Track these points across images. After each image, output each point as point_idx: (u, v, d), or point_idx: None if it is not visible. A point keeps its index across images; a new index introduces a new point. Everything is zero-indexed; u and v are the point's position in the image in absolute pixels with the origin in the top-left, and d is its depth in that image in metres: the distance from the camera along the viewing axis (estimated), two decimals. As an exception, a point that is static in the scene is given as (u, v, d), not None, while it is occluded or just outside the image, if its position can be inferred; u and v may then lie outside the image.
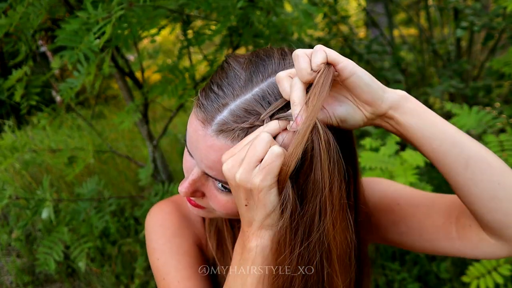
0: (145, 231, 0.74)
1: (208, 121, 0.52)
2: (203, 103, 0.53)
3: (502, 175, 0.52)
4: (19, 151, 1.64)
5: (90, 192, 1.72)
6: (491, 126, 1.41)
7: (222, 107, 0.52)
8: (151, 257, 0.71)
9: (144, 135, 1.90)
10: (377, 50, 2.74)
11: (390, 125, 0.54)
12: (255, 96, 0.51)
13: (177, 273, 0.67)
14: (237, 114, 0.51)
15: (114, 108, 5.13)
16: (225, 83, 0.53)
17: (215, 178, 0.55)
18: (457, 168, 0.53)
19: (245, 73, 0.53)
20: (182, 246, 0.71)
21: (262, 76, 0.53)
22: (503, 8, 2.17)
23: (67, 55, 1.03)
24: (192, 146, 0.56)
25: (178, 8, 1.39)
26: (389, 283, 1.94)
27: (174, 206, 0.76)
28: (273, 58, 0.55)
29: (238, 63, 0.55)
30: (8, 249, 2.68)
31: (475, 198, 0.54)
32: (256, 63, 0.54)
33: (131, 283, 2.22)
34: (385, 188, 0.75)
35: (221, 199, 0.58)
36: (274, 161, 0.47)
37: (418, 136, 0.53)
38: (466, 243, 0.62)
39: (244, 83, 0.52)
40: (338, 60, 0.48)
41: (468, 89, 2.42)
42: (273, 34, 1.54)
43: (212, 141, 0.52)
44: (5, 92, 1.58)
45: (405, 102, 0.52)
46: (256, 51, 0.58)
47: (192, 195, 0.59)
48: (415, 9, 3.58)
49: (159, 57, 3.32)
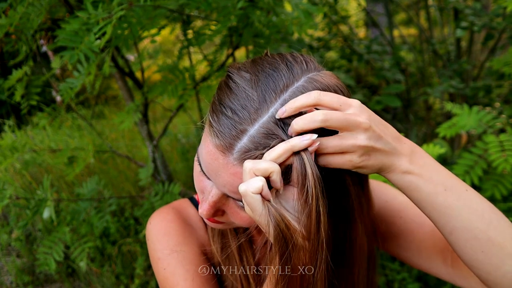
0: (148, 240, 0.73)
1: (228, 149, 0.51)
2: (219, 130, 0.52)
3: (487, 245, 0.52)
4: (19, 151, 1.64)
5: (90, 192, 1.72)
6: (491, 126, 1.41)
7: (241, 134, 0.50)
8: (156, 266, 0.70)
9: (144, 135, 1.90)
10: (377, 50, 2.74)
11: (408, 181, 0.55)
12: (271, 119, 0.50)
13: (186, 282, 0.67)
14: (258, 140, 0.50)
15: (114, 108, 5.13)
16: (238, 106, 0.51)
17: (238, 200, 0.55)
18: (443, 231, 0.54)
19: (256, 93, 0.52)
20: (189, 255, 0.70)
21: (274, 94, 0.52)
22: (503, 8, 2.17)
23: (67, 55, 1.03)
24: (212, 173, 0.54)
25: (178, 8, 1.39)
26: (389, 283, 1.94)
27: (176, 213, 0.75)
28: (280, 71, 0.54)
29: (245, 81, 0.53)
30: (8, 249, 2.68)
31: (458, 253, 0.55)
32: (266, 79, 0.53)
33: (131, 283, 2.23)
34: (390, 197, 0.75)
35: (243, 215, 0.58)
36: (246, 200, 0.48)
37: (410, 198, 0.55)
38: (458, 273, 0.64)
39: (259, 104, 0.51)
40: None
41: (468, 89, 2.42)
42: (273, 34, 1.54)
43: (235, 169, 0.51)
44: (5, 92, 1.58)
45: (404, 175, 0.52)
46: (258, 62, 0.56)
47: (213, 215, 0.59)
48: (415, 9, 3.58)
49: (159, 57, 3.31)
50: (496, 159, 1.29)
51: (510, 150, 1.29)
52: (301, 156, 0.48)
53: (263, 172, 0.47)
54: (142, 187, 2.75)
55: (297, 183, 0.49)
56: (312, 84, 0.53)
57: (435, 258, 0.66)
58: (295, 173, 0.48)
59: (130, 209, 2.62)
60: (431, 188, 0.52)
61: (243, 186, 0.47)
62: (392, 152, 0.52)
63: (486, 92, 2.51)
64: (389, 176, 0.53)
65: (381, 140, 0.51)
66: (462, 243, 0.53)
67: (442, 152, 1.38)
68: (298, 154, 0.48)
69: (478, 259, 0.53)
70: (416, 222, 0.70)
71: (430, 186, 0.52)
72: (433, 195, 0.52)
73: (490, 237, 0.52)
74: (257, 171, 0.47)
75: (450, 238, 0.54)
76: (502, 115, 1.52)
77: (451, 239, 0.54)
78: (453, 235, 0.53)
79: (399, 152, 0.52)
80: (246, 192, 0.47)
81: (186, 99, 1.52)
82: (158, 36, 1.67)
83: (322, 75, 0.55)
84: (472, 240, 0.52)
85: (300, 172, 0.48)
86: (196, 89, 1.57)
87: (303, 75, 0.54)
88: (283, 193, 0.51)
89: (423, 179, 0.52)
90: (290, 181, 0.50)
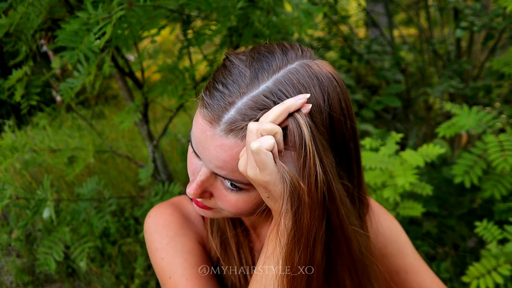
0: (146, 233, 0.73)
1: (216, 120, 0.52)
2: (208, 103, 0.53)
3: None
4: (19, 151, 1.64)
5: (90, 192, 1.72)
6: (491, 126, 1.41)
7: (229, 105, 0.51)
8: (154, 257, 0.70)
9: (144, 135, 1.90)
10: (377, 50, 2.74)
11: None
12: (263, 93, 0.51)
13: (185, 271, 0.67)
14: (245, 112, 0.51)
15: (114, 108, 5.13)
16: (230, 81, 0.53)
17: (225, 177, 0.55)
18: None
19: (249, 71, 0.53)
20: (187, 245, 0.70)
21: (267, 73, 0.53)
22: (503, 8, 2.17)
23: (67, 55, 1.03)
24: (200, 147, 0.55)
25: (178, 8, 1.39)
26: (389, 283, 1.93)
27: (174, 207, 0.76)
28: (275, 54, 0.55)
29: (241, 61, 0.55)
30: (8, 249, 2.68)
31: None
32: (259, 60, 0.54)
33: (131, 283, 2.23)
34: (394, 246, 0.77)
35: (230, 198, 0.58)
36: (259, 158, 0.47)
37: None
38: None
39: (250, 80, 0.52)
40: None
41: (468, 89, 2.42)
42: (273, 34, 1.54)
43: (221, 140, 0.52)
44: (6, 92, 1.58)
45: None
46: (256, 47, 0.58)
47: (200, 196, 0.59)
48: (415, 9, 3.58)
49: (159, 57, 3.31)
50: (496, 159, 1.29)
51: (509, 150, 1.29)
52: (295, 118, 0.49)
53: (269, 132, 0.48)
54: (142, 187, 2.75)
55: (294, 145, 0.49)
56: (304, 69, 0.54)
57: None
58: (291, 135, 0.49)
59: (130, 209, 2.62)
60: None
61: (256, 143, 0.47)
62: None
63: (486, 92, 2.51)
64: None
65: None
66: None
67: (442, 152, 1.38)
68: (292, 116, 0.50)
69: None
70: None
71: None
72: None
73: None
74: (263, 131, 0.48)
75: None
76: (502, 115, 1.52)
77: None
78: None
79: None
80: (259, 149, 0.47)
81: (186, 99, 1.52)
82: (158, 36, 1.67)
83: (317, 63, 0.56)
84: None
85: (296, 133, 0.49)
86: (196, 89, 1.57)
87: (297, 60, 0.55)
88: (280, 156, 0.51)
89: None
90: (286, 145, 0.51)
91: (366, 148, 1.52)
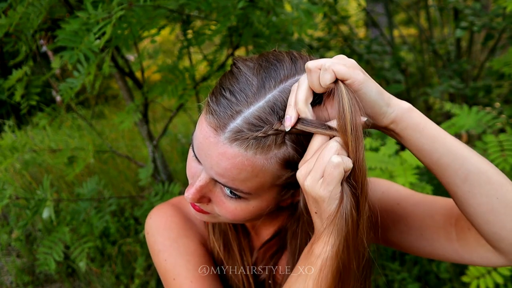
0: (147, 234, 0.73)
1: (221, 128, 0.51)
2: (214, 109, 0.52)
3: (501, 190, 0.52)
4: (19, 151, 1.64)
5: (90, 192, 1.72)
6: (491, 126, 1.41)
7: (236, 114, 0.51)
8: (156, 258, 0.70)
9: (144, 135, 1.90)
10: (377, 50, 2.74)
11: (391, 135, 0.56)
12: (268, 103, 0.51)
13: (188, 273, 0.67)
14: (251, 122, 0.51)
15: (114, 108, 5.13)
16: (237, 89, 0.52)
17: (225, 185, 0.55)
18: (456, 181, 0.54)
19: (257, 79, 0.52)
20: (189, 246, 0.70)
21: (274, 82, 0.52)
22: (503, 8, 2.17)
23: (67, 55, 1.03)
24: (202, 152, 0.55)
25: (178, 8, 1.39)
26: (389, 283, 1.94)
27: (175, 208, 0.75)
28: (283, 63, 0.54)
29: (248, 68, 0.54)
30: (8, 249, 2.68)
31: (472, 209, 0.54)
32: (267, 68, 0.54)
33: (131, 283, 2.23)
34: (385, 188, 0.75)
35: (229, 205, 0.57)
36: (333, 172, 0.47)
37: (418, 149, 0.54)
38: (464, 246, 0.62)
39: (257, 89, 0.52)
40: (345, 77, 0.49)
41: (468, 89, 2.42)
42: (273, 34, 1.54)
43: (224, 148, 0.52)
44: (5, 92, 1.58)
45: (407, 117, 0.53)
46: (265, 55, 0.57)
47: (198, 201, 0.59)
48: (415, 9, 3.58)
49: (159, 57, 3.31)
50: (496, 159, 1.29)
51: (509, 150, 1.29)
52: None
53: (343, 73, 0.49)
54: (142, 187, 2.75)
55: (334, 104, 0.50)
56: None
57: (437, 237, 0.65)
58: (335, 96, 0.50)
59: (130, 209, 2.62)
60: (438, 128, 0.53)
61: (338, 159, 0.47)
62: (392, 103, 0.53)
63: (486, 92, 2.51)
64: (393, 116, 0.53)
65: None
66: (477, 190, 0.52)
67: (442, 152, 1.38)
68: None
69: (494, 209, 0.52)
70: (413, 204, 0.69)
71: (436, 126, 0.53)
72: (443, 134, 0.53)
73: (503, 183, 0.52)
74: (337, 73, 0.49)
75: (464, 187, 0.53)
76: (502, 115, 1.52)
77: (464, 188, 0.53)
78: (468, 180, 0.53)
79: (399, 104, 0.54)
80: (339, 164, 0.47)
81: (186, 99, 1.52)
82: (158, 36, 1.67)
83: None
84: (486, 184, 0.52)
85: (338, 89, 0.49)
86: (196, 89, 1.57)
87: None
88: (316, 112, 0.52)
89: (427, 119, 0.53)
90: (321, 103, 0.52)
91: (366, 148, 1.52)
